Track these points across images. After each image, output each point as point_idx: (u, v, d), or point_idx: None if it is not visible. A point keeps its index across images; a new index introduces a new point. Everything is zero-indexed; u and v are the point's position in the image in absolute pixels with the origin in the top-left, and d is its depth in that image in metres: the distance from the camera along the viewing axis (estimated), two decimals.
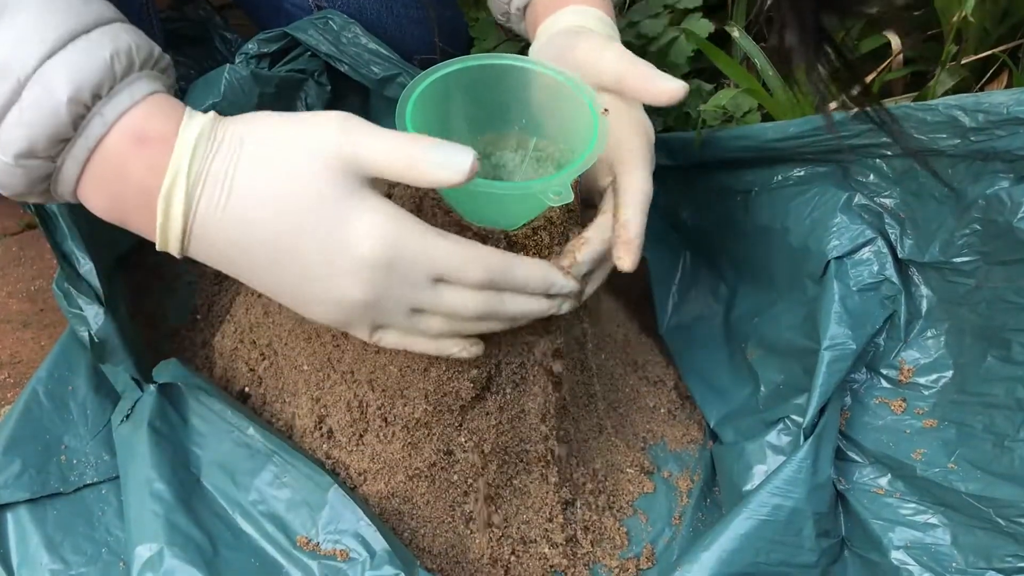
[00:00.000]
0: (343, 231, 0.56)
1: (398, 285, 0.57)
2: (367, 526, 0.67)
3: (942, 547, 0.68)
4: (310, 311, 0.60)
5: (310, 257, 0.56)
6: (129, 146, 0.56)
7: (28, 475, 0.71)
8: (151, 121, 0.56)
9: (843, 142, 0.76)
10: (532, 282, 0.62)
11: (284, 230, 0.56)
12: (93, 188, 0.58)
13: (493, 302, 0.61)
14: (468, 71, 0.67)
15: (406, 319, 0.60)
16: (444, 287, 0.59)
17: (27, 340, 0.88)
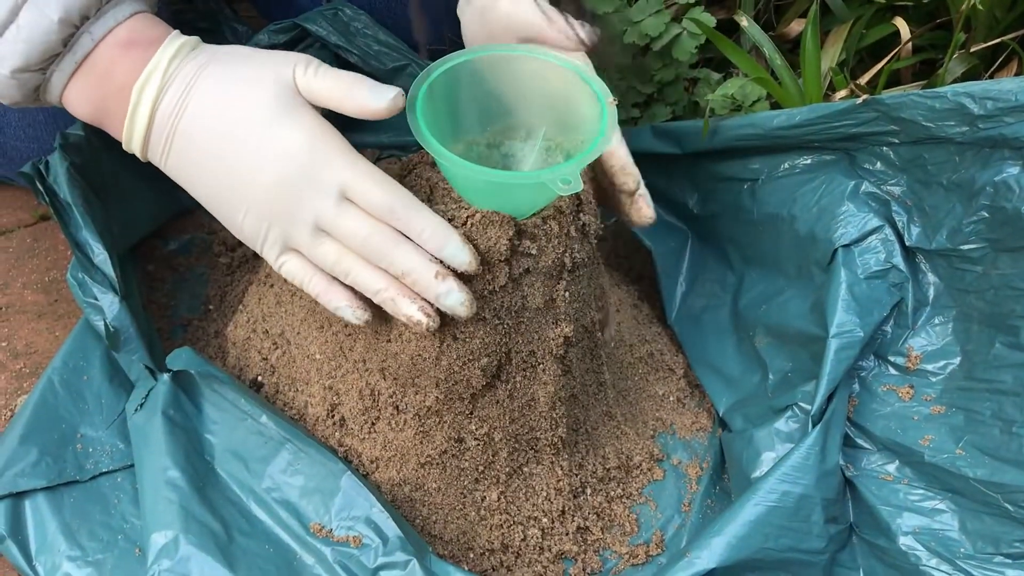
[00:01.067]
0: (273, 131, 0.62)
1: (309, 188, 0.61)
2: (380, 512, 0.67)
3: (950, 533, 0.68)
4: (236, 223, 0.65)
5: (240, 156, 0.62)
6: (116, 51, 0.64)
7: (45, 463, 0.72)
8: (139, 30, 0.64)
9: (849, 130, 0.76)
10: (428, 230, 0.62)
11: (223, 131, 0.62)
12: (78, 94, 0.65)
13: (386, 240, 0.62)
14: (477, 62, 0.67)
15: (310, 238, 0.63)
16: (348, 207, 0.62)
17: (42, 330, 0.89)
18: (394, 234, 0.62)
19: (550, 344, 0.71)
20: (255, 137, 0.62)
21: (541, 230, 0.67)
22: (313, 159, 0.61)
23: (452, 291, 0.63)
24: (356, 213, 0.62)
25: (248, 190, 0.63)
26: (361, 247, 0.62)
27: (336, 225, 0.62)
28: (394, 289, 0.63)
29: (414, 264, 0.62)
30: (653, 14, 0.97)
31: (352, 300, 0.65)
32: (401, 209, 0.62)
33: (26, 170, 0.79)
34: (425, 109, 0.63)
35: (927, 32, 0.98)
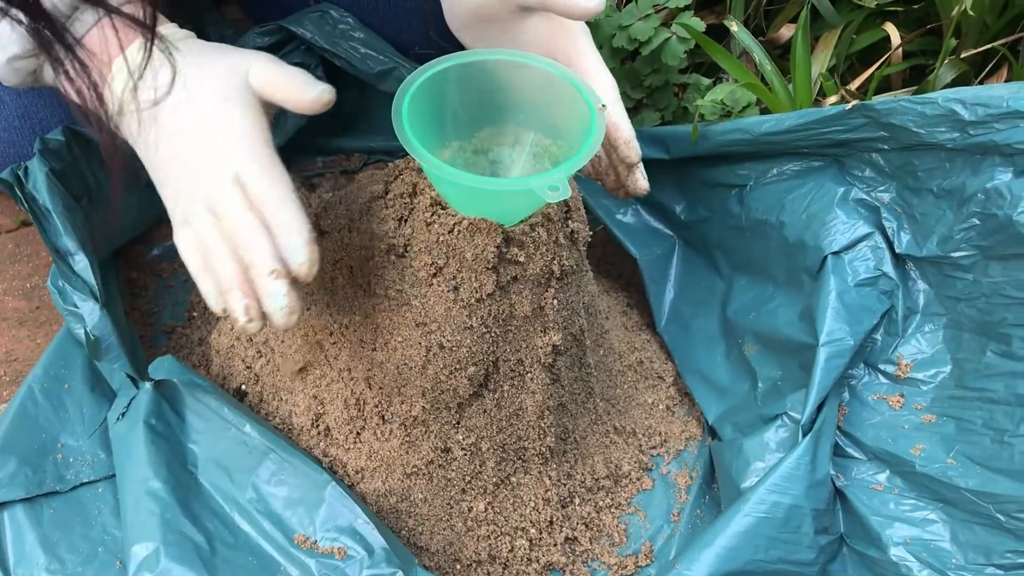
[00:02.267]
0: (202, 112, 0.65)
1: (211, 167, 0.64)
2: (365, 524, 0.67)
3: (941, 543, 0.68)
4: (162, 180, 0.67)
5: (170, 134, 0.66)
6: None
7: (24, 474, 0.71)
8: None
9: (838, 136, 0.76)
10: (285, 223, 0.62)
11: (171, 110, 0.66)
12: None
13: (251, 229, 0.62)
14: (464, 66, 0.66)
15: (201, 214, 0.64)
16: (235, 192, 0.63)
17: (23, 338, 0.87)
18: (260, 227, 0.63)
19: (538, 352, 0.70)
20: (188, 115, 0.66)
21: (529, 237, 0.66)
22: (223, 143, 0.64)
23: (277, 294, 0.61)
24: (239, 199, 0.63)
25: (169, 162, 0.66)
26: (230, 231, 0.63)
27: (219, 207, 0.64)
28: (237, 279, 0.63)
29: (261, 257, 0.62)
30: (642, 18, 0.96)
31: (241, 299, 0.63)
32: (274, 202, 0.63)
33: (5, 176, 0.78)
34: (411, 114, 0.63)
35: (917, 38, 0.98)
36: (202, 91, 0.66)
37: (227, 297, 0.63)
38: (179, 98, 0.66)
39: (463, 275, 0.65)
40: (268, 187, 0.63)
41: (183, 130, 0.66)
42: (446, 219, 0.65)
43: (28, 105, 0.85)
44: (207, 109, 0.66)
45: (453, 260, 0.65)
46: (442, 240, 0.65)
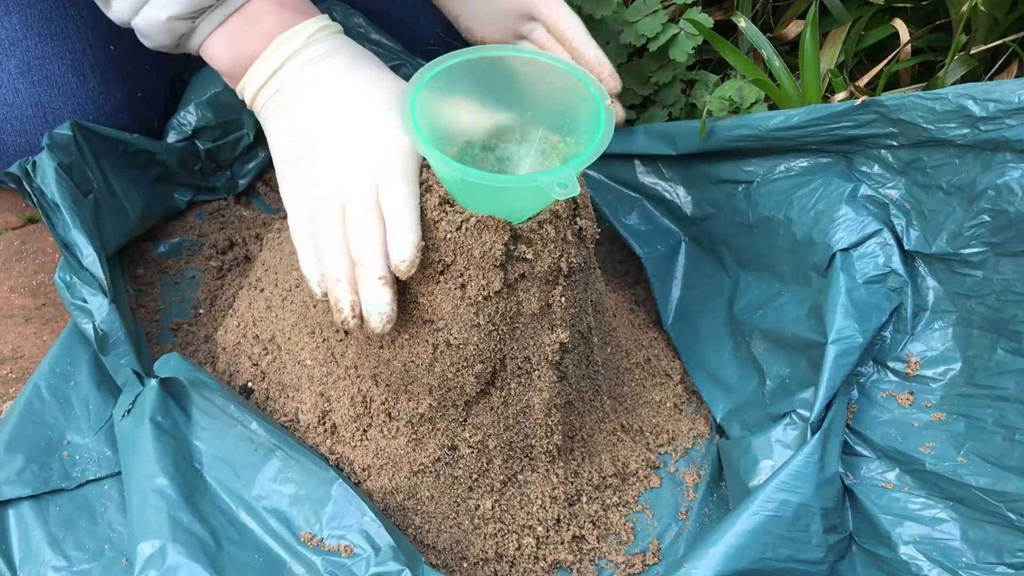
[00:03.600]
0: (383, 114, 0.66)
1: (366, 166, 0.65)
2: (371, 521, 0.66)
3: (952, 542, 0.67)
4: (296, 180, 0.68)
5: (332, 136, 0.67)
6: (272, 8, 0.69)
7: (30, 471, 0.71)
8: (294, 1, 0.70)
9: (847, 132, 0.75)
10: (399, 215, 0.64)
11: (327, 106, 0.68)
12: (220, 40, 0.70)
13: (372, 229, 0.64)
14: (472, 63, 0.66)
15: (333, 201, 0.65)
16: (372, 196, 0.64)
17: (29, 335, 0.87)
18: (380, 230, 0.64)
19: (546, 350, 0.70)
20: (355, 101, 0.68)
21: (537, 235, 0.66)
22: (385, 152, 0.65)
23: (382, 300, 0.63)
24: (372, 201, 0.65)
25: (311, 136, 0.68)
26: (351, 224, 0.64)
27: (353, 203, 0.65)
28: (344, 271, 0.64)
29: (373, 259, 0.63)
30: (650, 14, 0.96)
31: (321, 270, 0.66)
32: (399, 210, 0.64)
33: (13, 170, 0.78)
34: (419, 111, 0.62)
35: (926, 34, 0.97)
36: (374, 86, 0.68)
37: (335, 287, 0.64)
38: (346, 79, 0.68)
39: (471, 272, 0.65)
40: (402, 200, 0.64)
41: (345, 113, 0.68)
42: (454, 216, 0.64)
43: (42, 95, 0.85)
44: (377, 107, 0.67)
45: (461, 257, 0.65)
46: (450, 237, 0.64)
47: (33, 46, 0.83)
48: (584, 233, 0.70)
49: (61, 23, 0.84)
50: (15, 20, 0.79)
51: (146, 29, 0.69)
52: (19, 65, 0.84)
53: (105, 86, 0.87)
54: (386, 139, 0.66)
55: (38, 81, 0.84)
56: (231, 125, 0.95)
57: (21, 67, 0.84)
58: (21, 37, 0.82)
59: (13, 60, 0.83)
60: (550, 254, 0.67)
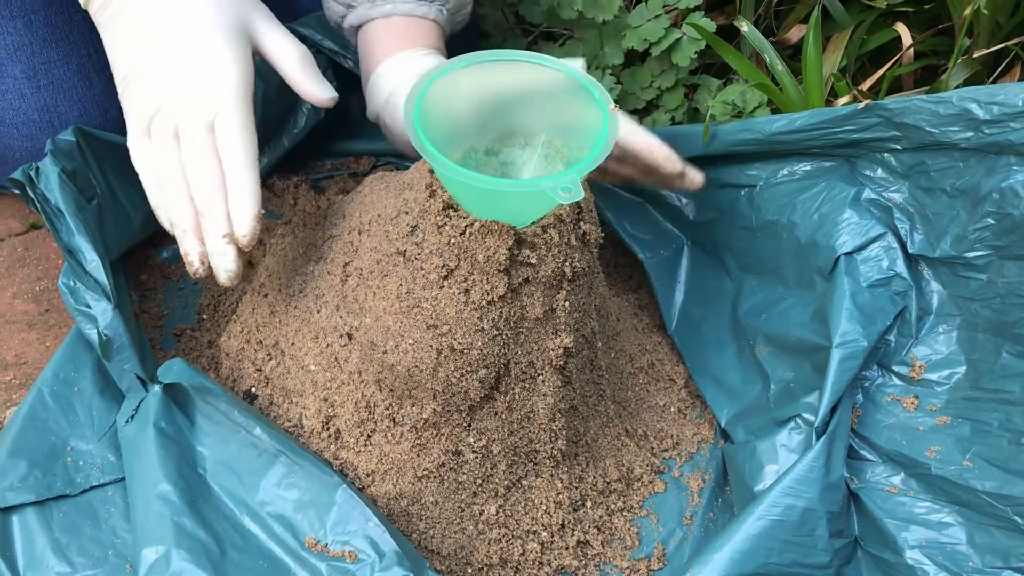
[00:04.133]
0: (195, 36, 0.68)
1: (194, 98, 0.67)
2: (376, 527, 0.66)
3: (958, 546, 0.67)
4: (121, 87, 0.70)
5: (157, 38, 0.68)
6: None
7: (34, 477, 0.71)
8: None
9: (850, 136, 0.75)
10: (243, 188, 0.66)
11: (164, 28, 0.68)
12: None
13: (210, 173, 0.67)
14: (477, 67, 0.66)
15: (167, 137, 0.68)
16: (208, 137, 0.67)
17: (32, 341, 0.87)
18: (221, 183, 0.67)
19: (550, 355, 0.70)
20: (189, 38, 0.68)
21: (541, 239, 0.66)
22: (211, 81, 0.67)
23: (227, 257, 0.67)
24: (208, 144, 0.67)
25: (150, 71, 0.68)
26: (191, 170, 0.67)
27: (187, 142, 0.67)
28: (191, 222, 0.68)
29: (216, 215, 0.67)
30: (652, 19, 0.96)
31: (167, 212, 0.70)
32: (239, 164, 0.67)
33: (16, 176, 0.78)
34: (422, 115, 0.62)
35: (929, 38, 0.97)
36: (200, 9, 0.68)
37: (182, 238, 0.67)
38: (178, 9, 0.68)
39: (474, 277, 0.65)
40: (238, 145, 0.67)
41: (166, 40, 0.68)
42: (457, 221, 0.64)
43: (47, 100, 0.85)
44: (202, 33, 0.67)
45: (464, 262, 0.65)
46: (453, 242, 0.64)
47: (38, 51, 0.83)
48: (588, 237, 0.70)
49: (66, 28, 0.84)
50: (19, 25, 0.79)
51: None
52: (24, 70, 0.84)
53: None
54: (209, 66, 0.67)
55: (44, 86, 0.84)
56: None
57: (27, 72, 0.84)
58: (26, 42, 0.82)
59: (19, 65, 0.83)
60: (554, 259, 0.67)
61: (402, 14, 0.82)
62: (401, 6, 0.82)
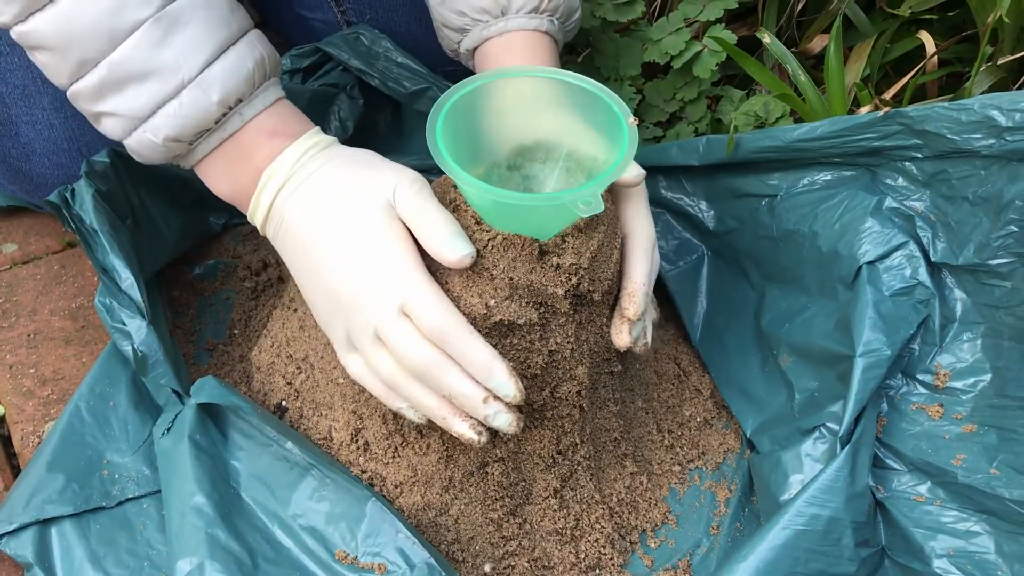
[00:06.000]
0: (356, 241, 0.66)
1: (375, 299, 0.64)
2: (406, 538, 0.67)
3: (987, 555, 0.67)
4: (315, 309, 0.70)
5: (326, 256, 0.67)
6: (262, 137, 0.70)
7: (71, 490, 0.73)
8: (284, 122, 0.71)
9: (871, 144, 0.75)
10: (476, 361, 0.63)
11: (319, 231, 0.67)
12: (216, 167, 0.71)
13: (436, 366, 0.64)
14: (497, 84, 0.67)
15: (370, 345, 0.65)
16: (405, 324, 0.64)
17: (69, 357, 0.89)
18: (444, 360, 0.64)
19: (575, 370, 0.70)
20: (342, 243, 0.66)
21: (560, 248, 0.66)
22: (382, 274, 0.64)
23: (499, 413, 0.65)
24: (412, 333, 0.64)
25: (326, 289, 0.67)
26: (412, 369, 0.64)
27: (392, 342, 0.64)
28: (446, 408, 0.65)
29: (462, 390, 0.64)
30: (673, 32, 0.96)
31: (418, 410, 0.67)
32: (452, 336, 0.63)
33: (52, 198, 0.80)
34: (445, 132, 0.63)
35: (953, 45, 0.97)
36: (353, 213, 0.66)
37: (449, 424, 0.65)
38: (325, 221, 0.67)
39: (499, 292, 0.66)
40: (437, 319, 0.63)
41: (335, 254, 0.66)
42: (481, 235, 0.65)
43: (76, 128, 0.87)
44: (361, 232, 0.66)
45: (488, 276, 0.65)
46: (477, 256, 0.65)
47: None
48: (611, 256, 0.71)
49: None
50: None
51: (139, 148, 0.69)
52: (52, 101, 0.86)
53: None
54: (377, 259, 0.65)
55: (71, 116, 0.86)
56: None
57: (54, 103, 0.86)
58: None
59: (46, 96, 0.85)
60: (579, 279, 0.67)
61: (515, 29, 0.82)
62: (513, 21, 0.82)
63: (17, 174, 0.92)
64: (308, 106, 0.96)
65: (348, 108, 1.00)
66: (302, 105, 0.95)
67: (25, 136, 0.87)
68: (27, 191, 0.94)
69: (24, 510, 0.71)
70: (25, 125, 0.86)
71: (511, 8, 0.81)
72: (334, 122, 1.00)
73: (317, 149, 0.70)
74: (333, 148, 0.71)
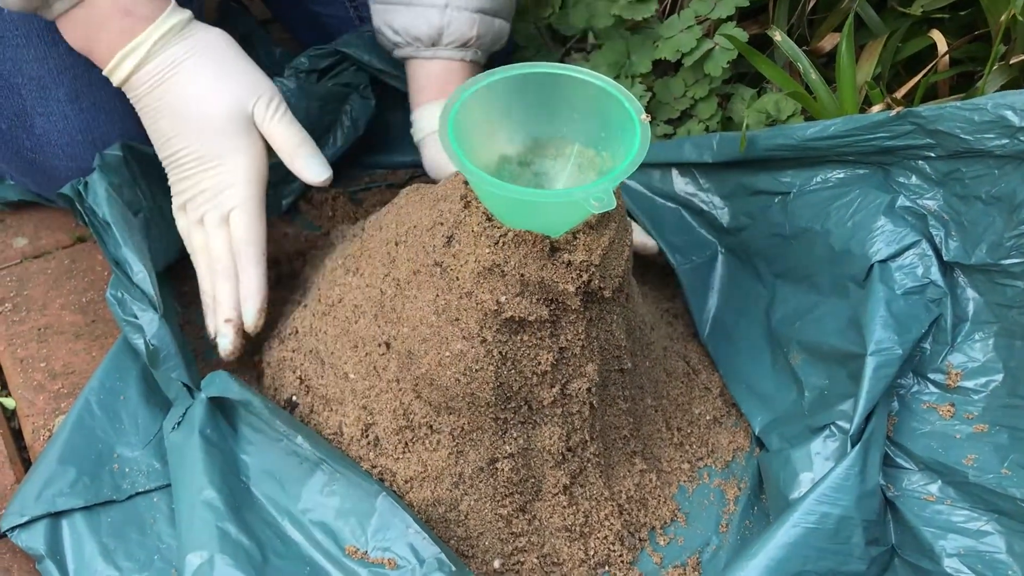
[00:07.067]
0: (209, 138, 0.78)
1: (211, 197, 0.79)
2: (416, 533, 0.67)
3: (997, 555, 0.67)
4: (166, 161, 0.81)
5: (179, 138, 0.79)
6: (115, 13, 0.76)
7: (82, 483, 0.73)
8: (140, 1, 0.76)
9: (884, 143, 0.75)
10: (246, 283, 0.79)
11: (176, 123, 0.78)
12: (71, 29, 0.78)
13: (224, 269, 0.80)
14: (508, 80, 0.67)
15: (194, 222, 0.80)
16: (223, 227, 0.79)
17: (79, 351, 0.90)
18: (232, 272, 0.80)
19: (584, 367, 0.70)
20: (200, 139, 0.78)
21: (572, 245, 0.66)
22: (225, 179, 0.78)
23: (226, 337, 0.80)
24: (224, 239, 0.79)
25: (180, 164, 0.80)
26: (210, 260, 0.80)
27: (209, 233, 0.80)
28: (208, 301, 0.82)
29: (224, 302, 0.80)
30: (685, 29, 0.96)
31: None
32: (248, 257, 0.79)
33: (66, 191, 0.80)
34: (457, 128, 0.63)
35: (965, 44, 0.97)
36: (208, 117, 0.77)
37: (204, 311, 0.82)
38: (183, 113, 0.77)
39: (510, 289, 0.66)
40: (247, 240, 0.78)
41: (185, 129, 0.78)
42: (492, 231, 0.65)
43: (90, 120, 0.87)
44: (216, 123, 0.77)
45: (500, 273, 0.65)
46: (489, 252, 0.65)
47: (80, 74, 0.85)
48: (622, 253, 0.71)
49: None
50: (62, 50, 0.81)
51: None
52: (67, 93, 0.86)
53: None
54: (223, 160, 0.78)
55: (86, 108, 0.87)
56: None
57: (70, 95, 0.86)
58: (69, 65, 0.84)
59: (62, 88, 0.86)
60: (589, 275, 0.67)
61: (443, 58, 0.91)
62: (442, 51, 0.91)
63: (30, 166, 0.92)
64: (320, 104, 0.97)
65: (360, 107, 1.00)
66: (314, 104, 0.96)
67: (40, 127, 0.87)
68: (39, 184, 0.94)
69: (35, 503, 0.72)
70: (40, 116, 0.86)
71: (441, 41, 0.90)
72: (346, 121, 1.00)
73: (173, 33, 0.77)
74: (191, 36, 0.78)
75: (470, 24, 0.90)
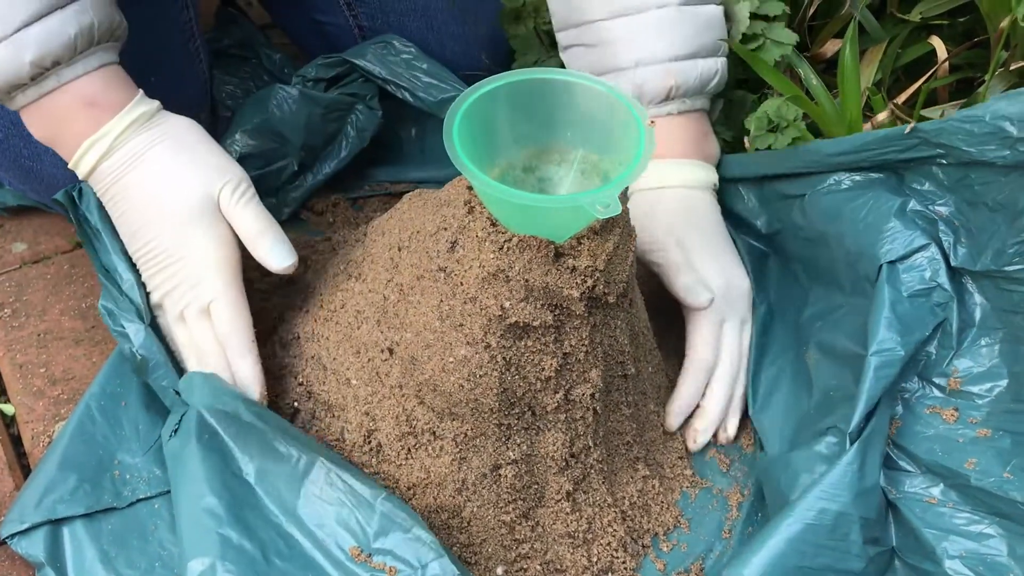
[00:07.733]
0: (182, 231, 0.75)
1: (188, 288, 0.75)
2: (419, 537, 0.67)
3: (999, 558, 0.67)
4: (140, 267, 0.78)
5: (151, 236, 0.76)
6: (79, 106, 0.74)
7: (83, 490, 0.73)
8: (103, 91, 0.75)
9: (897, 156, 0.76)
10: (240, 374, 0.76)
11: (146, 216, 0.76)
12: (34, 121, 0.76)
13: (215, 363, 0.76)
14: (513, 86, 0.67)
15: (174, 318, 0.77)
16: (204, 319, 0.76)
17: (79, 357, 0.89)
18: (223, 359, 0.76)
19: (587, 373, 0.70)
20: (168, 231, 0.75)
21: (576, 251, 0.66)
22: (199, 272, 0.75)
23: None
24: (208, 332, 0.76)
25: (151, 258, 0.76)
26: (200, 355, 0.76)
27: (192, 328, 0.76)
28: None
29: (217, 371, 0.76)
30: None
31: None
32: (235, 349, 0.75)
33: (59, 197, 0.80)
34: (462, 134, 0.63)
35: (964, 51, 0.97)
36: (176, 209, 0.75)
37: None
38: (152, 206, 0.75)
39: (514, 294, 0.66)
40: (232, 331, 0.75)
41: (153, 225, 0.75)
42: (497, 237, 0.65)
43: None
44: (183, 227, 0.75)
45: (504, 279, 0.65)
46: (493, 258, 0.65)
47: None
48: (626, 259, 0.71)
49: None
50: None
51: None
52: None
53: None
54: (192, 255, 0.75)
55: None
56: (276, 153, 0.97)
57: None
58: None
59: None
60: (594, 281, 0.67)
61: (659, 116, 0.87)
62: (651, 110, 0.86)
63: (28, 174, 0.92)
64: (324, 114, 0.97)
65: (367, 118, 1.00)
66: (318, 112, 0.96)
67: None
68: (37, 191, 0.94)
69: (35, 510, 0.71)
70: None
71: (643, 99, 0.85)
72: (351, 131, 1.00)
73: (140, 123, 0.76)
74: (158, 126, 0.76)
75: (664, 76, 0.85)
